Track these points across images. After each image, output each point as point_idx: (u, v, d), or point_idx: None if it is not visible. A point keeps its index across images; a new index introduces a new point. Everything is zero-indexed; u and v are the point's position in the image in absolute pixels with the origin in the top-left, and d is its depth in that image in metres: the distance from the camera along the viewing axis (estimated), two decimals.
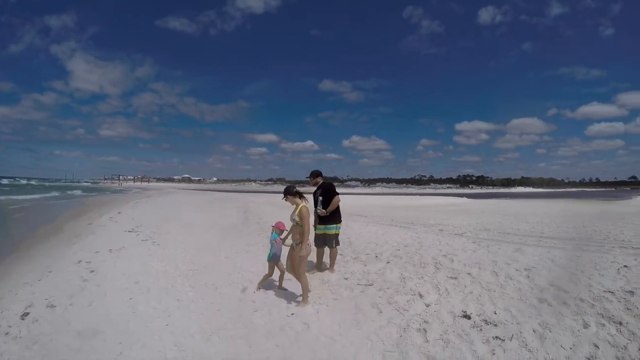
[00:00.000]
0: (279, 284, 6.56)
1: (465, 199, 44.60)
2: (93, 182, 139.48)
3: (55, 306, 5.65)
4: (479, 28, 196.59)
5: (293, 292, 6.04)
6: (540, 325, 4.61)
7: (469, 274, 6.68)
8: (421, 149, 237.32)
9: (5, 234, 12.95)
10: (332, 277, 7.19)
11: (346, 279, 7.02)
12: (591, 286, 5.69)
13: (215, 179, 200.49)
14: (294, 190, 6.05)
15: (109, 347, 4.43)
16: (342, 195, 7.73)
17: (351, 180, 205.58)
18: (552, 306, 5.11)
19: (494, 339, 4.39)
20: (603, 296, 5.27)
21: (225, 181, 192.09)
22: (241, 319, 5.27)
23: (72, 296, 6.08)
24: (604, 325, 4.50)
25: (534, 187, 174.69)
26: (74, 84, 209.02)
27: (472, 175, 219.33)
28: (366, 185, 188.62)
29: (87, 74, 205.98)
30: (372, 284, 6.57)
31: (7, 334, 4.74)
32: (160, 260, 8.59)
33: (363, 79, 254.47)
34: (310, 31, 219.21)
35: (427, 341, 4.48)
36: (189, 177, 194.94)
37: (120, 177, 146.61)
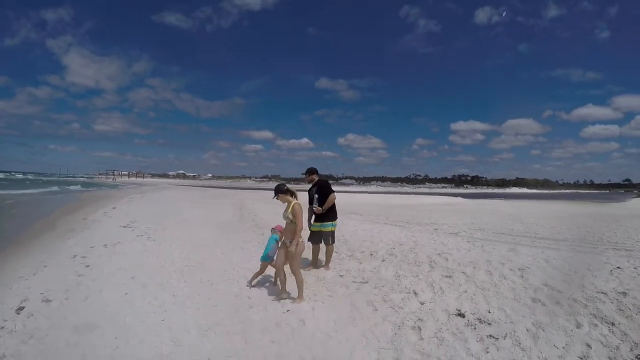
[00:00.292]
0: (274, 281, 6.58)
1: (460, 199, 44.70)
2: (88, 177, 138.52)
3: (51, 301, 5.65)
4: (476, 28, 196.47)
5: (289, 289, 6.05)
6: (534, 324, 4.65)
7: (463, 273, 6.71)
8: (416, 148, 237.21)
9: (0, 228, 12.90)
10: (328, 274, 7.22)
11: (342, 276, 7.05)
12: (584, 287, 5.73)
13: (210, 175, 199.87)
14: (284, 188, 6.04)
15: (105, 341, 4.44)
16: (337, 193, 7.75)
17: (346, 178, 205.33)
18: (545, 306, 5.16)
19: (487, 337, 4.43)
20: (596, 297, 5.31)
21: (220, 177, 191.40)
22: (237, 315, 5.29)
23: (68, 291, 6.08)
24: (596, 326, 4.55)
25: (528, 188, 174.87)
26: (70, 78, 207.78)
27: (467, 175, 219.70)
28: (361, 183, 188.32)
29: (83, 68, 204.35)
30: (368, 282, 6.60)
31: (2, 328, 4.74)
32: (155, 255, 8.59)
33: (359, 78, 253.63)
34: (307, 29, 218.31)
35: (422, 339, 4.52)
36: (183, 173, 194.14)
37: (115, 173, 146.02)
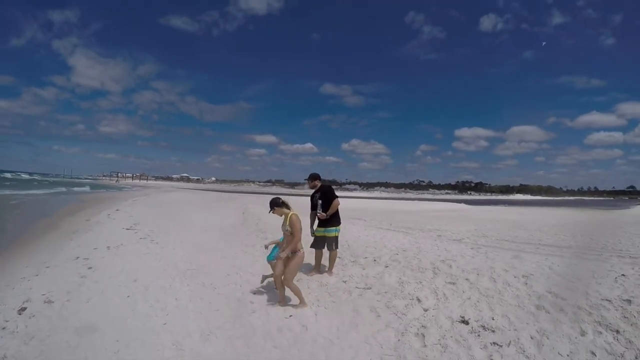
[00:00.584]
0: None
1: (464, 205, 44.51)
2: (93, 179, 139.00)
3: (52, 302, 5.65)
4: (480, 35, 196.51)
5: (291, 295, 6.03)
6: (538, 332, 4.62)
7: (467, 279, 6.67)
8: (420, 154, 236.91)
9: (3, 229, 12.93)
10: (331, 280, 7.19)
11: (345, 282, 7.02)
12: (589, 294, 5.68)
13: (213, 178, 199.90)
14: (280, 201, 6.03)
15: (106, 344, 4.43)
16: (340, 199, 7.73)
17: (350, 183, 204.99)
18: (549, 313, 5.11)
19: (491, 344, 4.40)
20: (600, 304, 5.27)
21: (224, 181, 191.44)
22: (239, 320, 5.28)
23: (70, 292, 6.08)
24: (601, 333, 4.51)
25: (532, 194, 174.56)
26: (75, 79, 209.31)
27: (471, 182, 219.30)
28: (365, 189, 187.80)
29: (89, 70, 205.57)
30: (371, 288, 6.57)
31: (3, 329, 4.74)
32: (158, 258, 8.59)
33: (363, 83, 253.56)
34: (312, 34, 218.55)
35: (425, 346, 4.49)
36: (187, 176, 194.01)
37: (119, 175, 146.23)
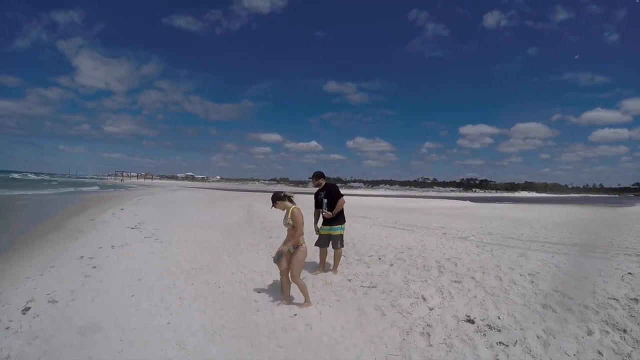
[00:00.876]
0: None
1: (469, 203, 44.47)
2: (98, 178, 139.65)
3: (56, 301, 5.65)
4: (484, 32, 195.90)
5: (296, 293, 6.01)
6: (545, 331, 4.58)
7: (472, 278, 6.63)
8: (425, 151, 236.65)
9: (8, 229, 12.96)
10: (336, 278, 7.16)
11: (349, 280, 7.00)
12: (595, 293, 5.63)
13: (218, 177, 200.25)
14: (282, 195, 5.98)
15: (110, 344, 4.42)
16: (345, 197, 7.70)
17: (354, 181, 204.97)
18: (556, 312, 5.07)
19: (497, 344, 4.36)
20: (607, 303, 5.22)
21: (228, 180, 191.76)
22: (243, 319, 5.26)
23: (74, 292, 6.08)
24: (608, 333, 4.47)
25: (537, 192, 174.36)
26: (80, 80, 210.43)
27: (476, 179, 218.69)
28: (369, 186, 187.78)
29: (93, 70, 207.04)
30: (376, 286, 6.54)
31: (8, 329, 4.75)
32: (162, 257, 8.59)
33: (367, 81, 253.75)
34: (316, 32, 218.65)
35: (431, 345, 4.45)
36: (192, 175, 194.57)
37: (124, 174, 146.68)
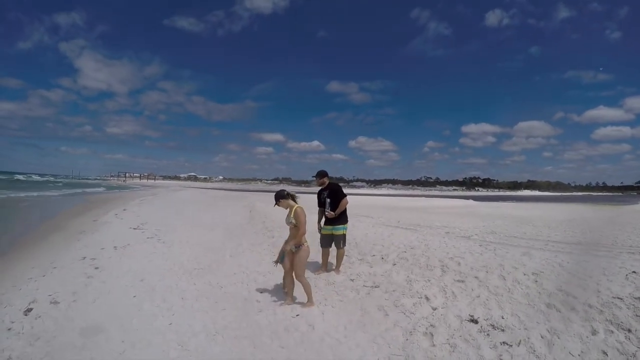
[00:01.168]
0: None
1: (472, 202, 44.38)
2: (101, 179, 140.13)
3: (58, 302, 5.65)
4: (486, 31, 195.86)
5: (298, 293, 5.99)
6: (549, 331, 4.54)
7: (476, 277, 6.59)
8: (427, 150, 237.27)
9: (11, 230, 12.99)
10: (338, 278, 7.14)
11: (352, 280, 6.97)
12: (599, 292, 5.58)
13: (221, 177, 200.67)
14: (285, 193, 5.94)
15: (112, 345, 4.41)
16: (348, 196, 7.67)
17: (357, 180, 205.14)
18: (560, 312, 5.03)
19: (501, 344, 4.33)
20: (612, 302, 5.17)
21: (231, 180, 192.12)
22: (246, 319, 5.25)
23: (76, 293, 6.08)
24: (612, 332, 4.42)
25: (540, 190, 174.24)
26: (82, 81, 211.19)
27: (479, 178, 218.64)
28: (372, 186, 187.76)
29: (95, 72, 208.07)
30: (378, 286, 6.51)
31: (9, 330, 4.74)
32: (165, 258, 8.59)
33: (370, 81, 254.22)
34: (318, 32, 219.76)
35: (434, 345, 4.43)
36: (195, 176, 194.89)
37: (127, 175, 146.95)
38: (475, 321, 4.91)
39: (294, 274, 5.84)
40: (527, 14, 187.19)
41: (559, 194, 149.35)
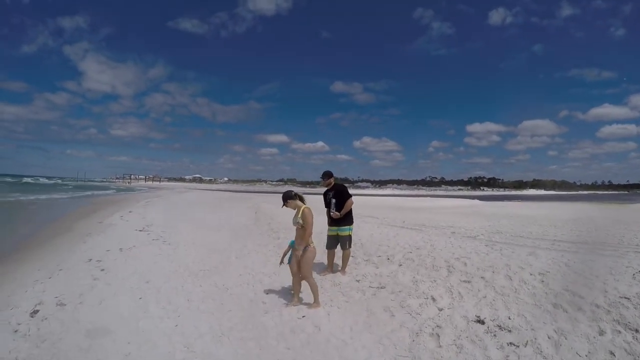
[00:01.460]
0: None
1: (477, 201, 44.20)
2: (107, 181, 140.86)
3: (65, 304, 5.66)
4: (489, 29, 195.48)
5: (304, 295, 5.99)
6: (556, 331, 4.51)
7: (482, 277, 6.56)
8: (432, 150, 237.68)
9: (17, 232, 13.04)
10: (344, 279, 7.13)
11: (358, 281, 6.96)
12: (606, 292, 5.54)
13: (226, 179, 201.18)
14: (292, 194, 5.94)
15: (118, 347, 4.41)
16: (353, 197, 7.67)
17: (362, 181, 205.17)
18: (567, 312, 4.99)
19: (508, 345, 4.31)
20: (619, 302, 5.13)
21: (236, 181, 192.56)
22: (252, 320, 5.25)
23: (82, 295, 6.09)
24: (620, 332, 4.39)
25: (545, 189, 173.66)
26: (86, 84, 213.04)
27: (484, 177, 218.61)
28: (377, 186, 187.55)
29: (99, 74, 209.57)
30: (384, 287, 6.50)
31: (16, 332, 4.75)
32: (170, 260, 8.60)
33: (374, 81, 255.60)
34: (321, 33, 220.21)
35: (440, 346, 4.41)
36: (200, 177, 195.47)
37: (132, 177, 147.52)
38: (481, 322, 4.89)
39: (301, 275, 5.83)
40: (531, 12, 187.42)
41: (565, 193, 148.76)
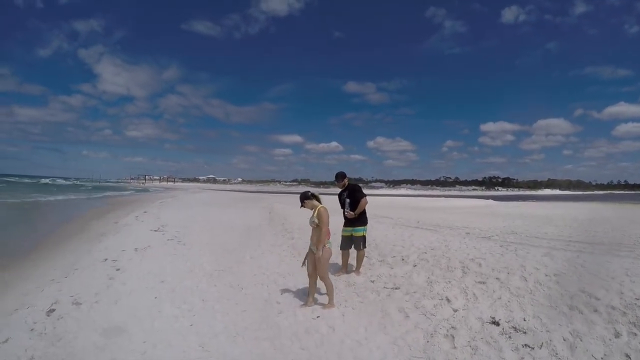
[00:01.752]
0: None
1: (491, 201, 43.88)
2: (123, 182, 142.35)
3: (80, 303, 5.72)
4: (503, 27, 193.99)
5: (319, 295, 6.00)
6: (571, 333, 4.46)
7: (497, 278, 6.51)
8: (446, 150, 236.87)
9: (34, 232, 13.21)
10: (358, 279, 7.13)
11: (372, 282, 6.95)
12: (622, 293, 5.46)
13: (240, 179, 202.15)
14: (309, 194, 5.96)
15: (133, 346, 4.46)
16: (367, 197, 7.66)
17: (376, 181, 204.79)
18: (582, 314, 4.94)
19: (523, 346, 4.28)
20: (635, 304, 5.05)
21: (250, 182, 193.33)
22: (266, 321, 5.27)
23: (98, 294, 6.16)
24: (636, 335, 4.32)
25: (560, 189, 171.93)
26: (102, 86, 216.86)
27: (498, 177, 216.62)
28: (391, 186, 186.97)
29: (114, 77, 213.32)
30: (399, 288, 6.48)
31: (32, 330, 4.82)
32: (185, 259, 8.66)
33: (387, 80, 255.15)
34: (334, 33, 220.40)
35: (455, 347, 4.39)
36: (214, 178, 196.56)
37: (146, 177, 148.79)
38: (496, 323, 4.86)
39: (318, 275, 5.84)
40: (544, 10, 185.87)
41: (580, 192, 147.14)
